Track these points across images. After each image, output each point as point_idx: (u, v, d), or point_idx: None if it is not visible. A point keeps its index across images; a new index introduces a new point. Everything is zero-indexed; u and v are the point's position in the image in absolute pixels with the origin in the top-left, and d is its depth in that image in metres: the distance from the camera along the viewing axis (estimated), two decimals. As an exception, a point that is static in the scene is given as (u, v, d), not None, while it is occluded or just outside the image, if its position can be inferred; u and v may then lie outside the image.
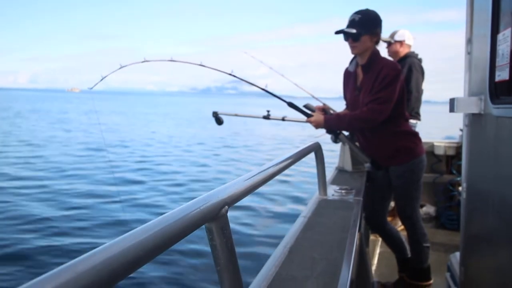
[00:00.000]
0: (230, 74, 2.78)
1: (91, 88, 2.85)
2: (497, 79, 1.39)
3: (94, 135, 17.14)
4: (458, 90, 1.71)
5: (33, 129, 19.46)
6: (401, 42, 3.96)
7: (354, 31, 2.39)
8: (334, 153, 3.36)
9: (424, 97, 4.14)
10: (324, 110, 2.70)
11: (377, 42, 2.49)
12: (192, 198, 0.68)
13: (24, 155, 11.65)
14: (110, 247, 0.44)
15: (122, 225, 5.75)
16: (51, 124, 22.69)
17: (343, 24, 2.47)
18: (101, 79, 2.81)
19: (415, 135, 2.65)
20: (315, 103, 2.82)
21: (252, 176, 0.95)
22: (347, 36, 2.44)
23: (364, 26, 2.39)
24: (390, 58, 3.30)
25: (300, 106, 2.68)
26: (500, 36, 1.37)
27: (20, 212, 6.16)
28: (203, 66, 2.79)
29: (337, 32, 2.45)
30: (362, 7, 2.56)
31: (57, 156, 11.65)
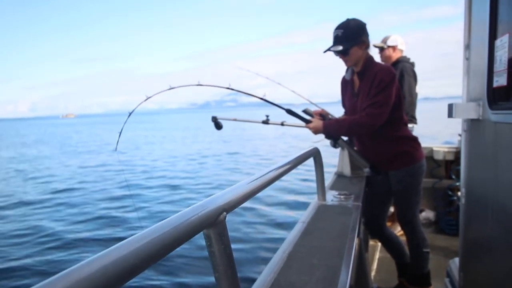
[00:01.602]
0: (228, 88, 2.80)
1: (115, 149, 2.90)
2: (495, 84, 1.40)
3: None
4: (456, 86, 1.72)
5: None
6: (393, 47, 3.98)
7: (340, 48, 2.41)
8: (333, 157, 3.35)
9: (423, 94, 4.16)
10: (322, 115, 2.71)
11: (367, 48, 2.50)
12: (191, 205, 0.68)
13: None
14: (106, 254, 0.44)
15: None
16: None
17: None
18: (119, 135, 2.76)
19: (415, 140, 2.65)
20: (313, 109, 2.83)
21: (251, 182, 0.94)
22: (336, 52, 2.46)
23: (349, 39, 2.41)
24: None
25: (299, 111, 2.69)
26: (498, 42, 1.37)
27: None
28: (201, 85, 2.81)
29: (326, 51, 2.48)
30: (353, 11, 2.57)
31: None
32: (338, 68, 2.85)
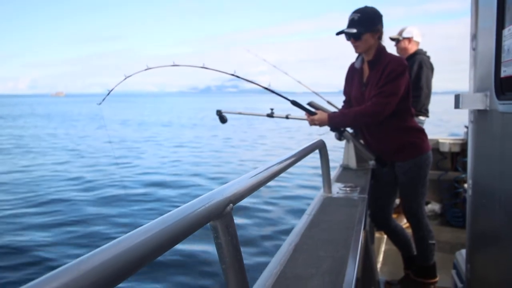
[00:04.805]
0: (232, 75, 2.79)
1: (100, 104, 2.91)
2: (502, 75, 1.38)
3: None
4: (458, 81, 1.71)
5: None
6: (409, 39, 3.95)
7: (354, 30, 2.39)
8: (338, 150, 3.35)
9: None
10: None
11: (379, 38, 2.48)
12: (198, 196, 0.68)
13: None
14: (114, 246, 0.44)
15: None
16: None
17: (342, 19, 2.48)
18: (108, 93, 2.84)
19: (422, 131, 2.64)
20: (316, 99, 2.82)
21: (257, 174, 0.94)
22: (349, 36, 2.44)
23: (364, 24, 2.39)
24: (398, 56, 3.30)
25: (304, 103, 2.68)
26: (505, 32, 1.36)
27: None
28: (206, 68, 2.79)
29: (339, 33, 2.46)
30: (360, 2, 2.55)
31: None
32: (340, 59, 2.86)
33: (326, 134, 2.70)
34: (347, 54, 2.72)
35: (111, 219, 6.05)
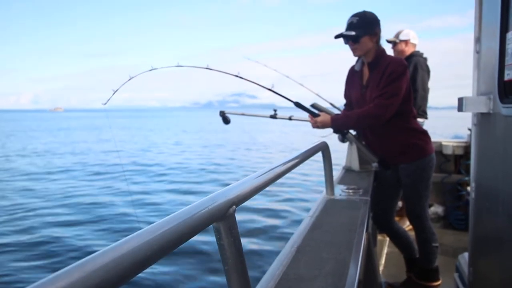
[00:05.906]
0: (236, 76, 2.81)
1: (105, 104, 2.89)
2: (506, 78, 1.38)
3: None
4: (458, 96, 1.70)
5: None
6: (406, 42, 3.97)
7: (353, 33, 2.41)
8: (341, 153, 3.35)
9: None
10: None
11: (377, 42, 2.49)
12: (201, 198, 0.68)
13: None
14: (118, 246, 0.44)
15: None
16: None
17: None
18: (114, 93, 2.83)
19: (425, 133, 2.64)
20: (319, 101, 2.82)
21: (260, 176, 0.95)
22: (347, 39, 2.46)
23: (363, 27, 2.41)
24: None
25: (307, 105, 2.69)
26: (509, 35, 1.36)
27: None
28: (210, 69, 2.81)
29: (337, 36, 2.48)
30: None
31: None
32: (340, 73, 2.85)
33: (329, 136, 2.70)
34: (347, 68, 2.76)
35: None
